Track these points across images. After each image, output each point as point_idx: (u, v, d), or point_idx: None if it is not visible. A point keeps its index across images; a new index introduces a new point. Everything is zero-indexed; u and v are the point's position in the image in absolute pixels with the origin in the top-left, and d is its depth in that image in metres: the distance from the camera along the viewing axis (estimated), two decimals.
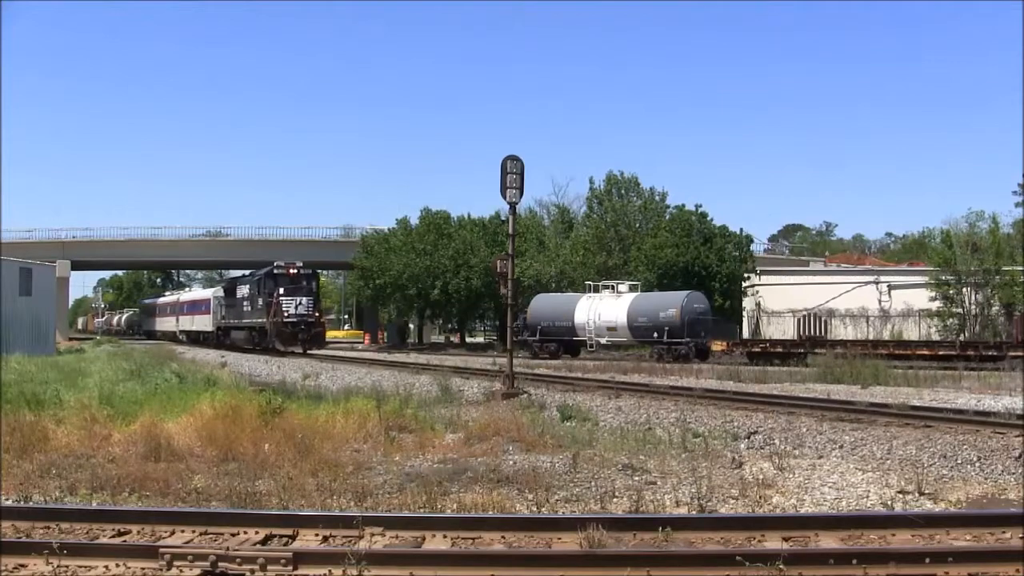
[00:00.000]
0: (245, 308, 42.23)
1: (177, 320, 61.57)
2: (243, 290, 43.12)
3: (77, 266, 73.46)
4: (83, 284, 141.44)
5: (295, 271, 39.30)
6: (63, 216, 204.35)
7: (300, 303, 37.88)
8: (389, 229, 59.87)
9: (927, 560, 5.33)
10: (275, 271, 38.95)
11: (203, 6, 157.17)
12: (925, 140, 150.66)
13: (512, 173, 18.66)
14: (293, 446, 9.85)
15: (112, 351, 37.43)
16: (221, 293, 48.71)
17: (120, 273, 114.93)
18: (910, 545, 5.75)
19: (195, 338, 55.20)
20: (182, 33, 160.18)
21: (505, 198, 18.90)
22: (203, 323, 53.05)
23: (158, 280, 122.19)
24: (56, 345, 40.82)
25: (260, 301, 39.12)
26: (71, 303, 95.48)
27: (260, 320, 39.07)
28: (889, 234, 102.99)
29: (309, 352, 36.54)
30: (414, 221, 57.99)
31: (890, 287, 43.67)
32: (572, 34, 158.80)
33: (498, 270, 19.66)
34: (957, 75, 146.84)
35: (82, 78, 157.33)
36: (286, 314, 37.08)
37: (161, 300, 73.99)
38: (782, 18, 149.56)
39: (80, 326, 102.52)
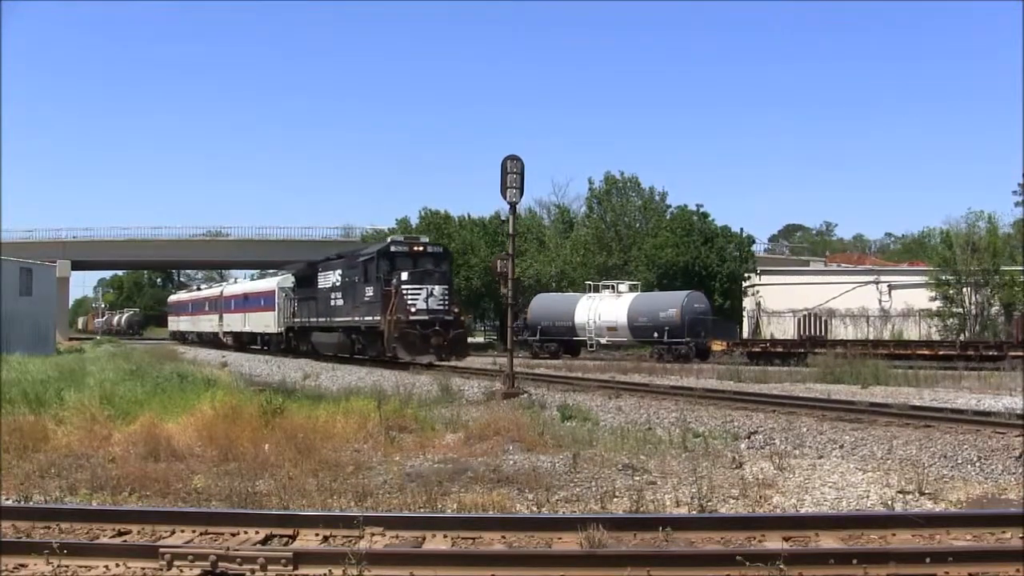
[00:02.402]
0: (335, 302, 30.71)
1: (220, 319, 48.93)
2: (330, 277, 31.55)
3: (77, 266, 73.57)
4: (83, 284, 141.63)
5: (421, 248, 27.93)
6: (63, 216, 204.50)
7: (432, 293, 25.99)
8: (389, 229, 59.88)
9: (927, 560, 5.33)
10: (392, 248, 27.79)
11: (203, 6, 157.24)
12: (925, 140, 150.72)
13: (512, 173, 18.67)
14: (293, 446, 9.85)
15: (112, 351, 37.41)
16: (291, 282, 37.12)
17: (120, 273, 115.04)
18: (910, 545, 5.76)
19: (247, 341, 44.60)
20: (182, 33, 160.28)
21: (505, 198, 18.91)
22: (262, 322, 41.09)
23: (158, 280, 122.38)
24: (56, 345, 40.80)
25: (368, 291, 27.71)
26: (71, 303, 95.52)
27: (369, 318, 27.44)
28: (889, 234, 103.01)
29: (445, 363, 25.12)
30: (414, 221, 58.00)
31: (890, 287, 43.65)
32: (572, 34, 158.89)
33: (498, 270, 19.66)
34: (957, 75, 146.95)
35: (82, 78, 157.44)
36: (412, 309, 25.39)
37: (196, 295, 61.24)
38: (782, 18, 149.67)
39: (80, 326, 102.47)
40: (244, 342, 45.07)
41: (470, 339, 34.01)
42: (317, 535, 6.08)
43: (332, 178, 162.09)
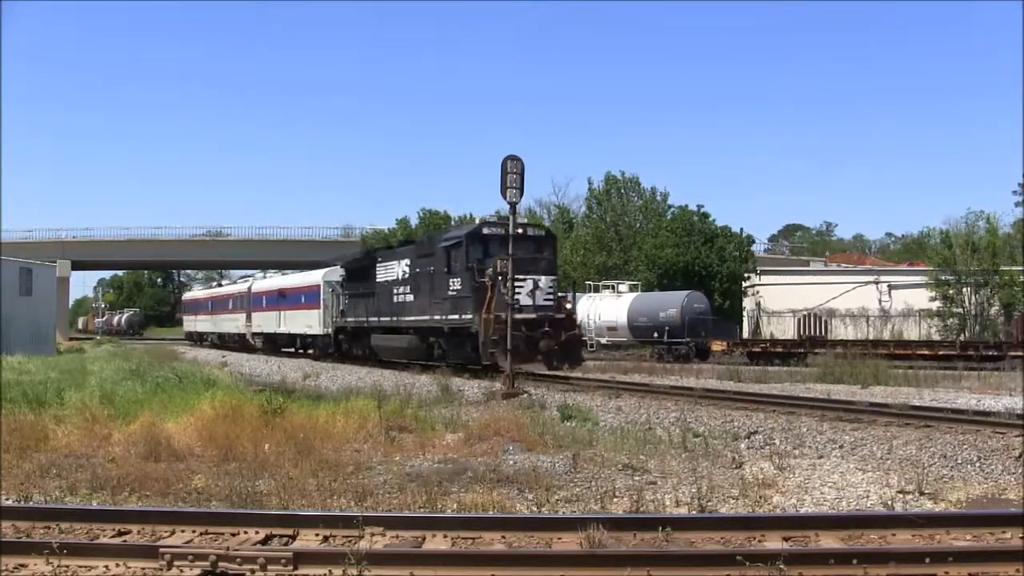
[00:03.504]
0: (402, 297, 25.57)
1: (248, 319, 43.51)
2: (394, 268, 26.40)
3: (77, 266, 73.65)
4: (83, 284, 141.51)
5: (520, 230, 21.20)
6: (63, 216, 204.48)
7: (538, 286, 21.16)
8: (389, 229, 59.96)
9: (927, 560, 5.33)
10: (485, 230, 22.37)
11: (203, 6, 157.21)
12: (925, 140, 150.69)
13: (512, 173, 18.69)
14: (293, 446, 9.86)
15: (112, 351, 37.41)
16: (339, 275, 31.71)
17: (120, 273, 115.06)
18: (910, 545, 5.75)
19: (284, 343, 39.07)
20: (182, 33, 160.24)
21: (505, 198, 18.93)
22: (302, 322, 35.70)
23: (158, 280, 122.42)
24: (56, 345, 40.80)
25: (454, 284, 22.40)
26: (71, 303, 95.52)
27: (455, 317, 22.21)
28: (889, 234, 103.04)
29: (558, 372, 21.09)
30: (414, 221, 58.02)
31: (890, 287, 43.65)
32: (572, 34, 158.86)
33: (498, 270, 19.65)
34: (957, 75, 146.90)
35: (82, 78, 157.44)
36: (516, 306, 19.98)
37: (217, 292, 54.45)
38: (782, 18, 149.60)
39: (80, 326, 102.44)
40: (279, 345, 39.51)
41: None
42: (317, 535, 6.08)
43: (332, 178, 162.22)
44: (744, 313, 45.58)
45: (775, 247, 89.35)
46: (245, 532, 6.06)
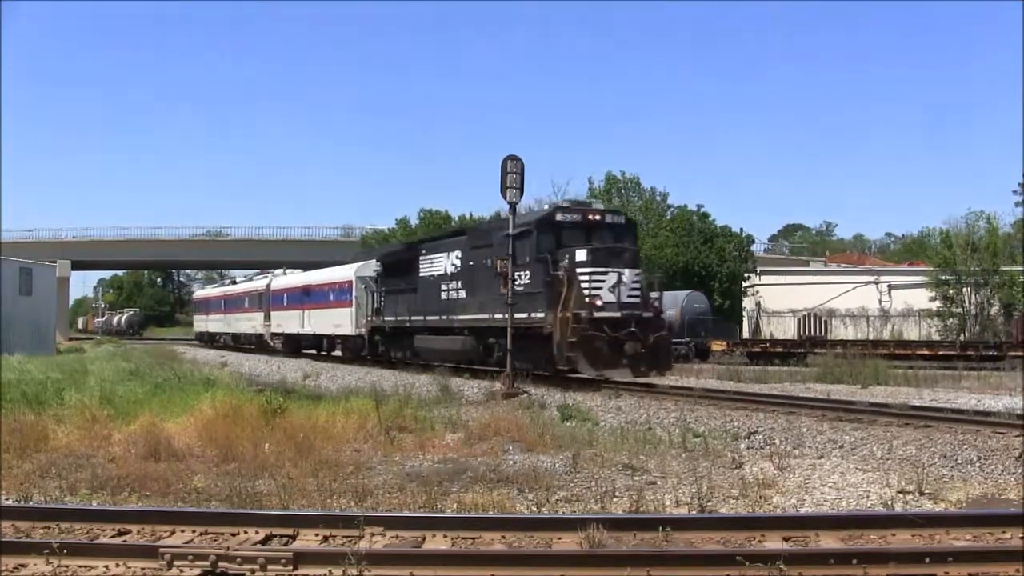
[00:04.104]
0: (451, 294, 22.91)
1: (267, 318, 40.52)
2: (441, 261, 23.72)
3: (77, 266, 73.69)
4: (83, 284, 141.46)
5: (598, 216, 20.03)
6: (63, 216, 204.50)
7: (622, 280, 18.37)
8: (389, 229, 59.90)
9: (927, 560, 5.33)
10: (559, 216, 19.86)
11: (203, 6, 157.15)
12: (925, 140, 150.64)
13: (512, 173, 18.70)
14: (293, 446, 9.86)
15: (112, 351, 37.41)
16: (374, 269, 28.70)
17: (120, 273, 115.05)
18: (910, 545, 5.75)
19: (310, 344, 36.05)
20: (182, 34, 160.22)
21: (505, 198, 18.93)
22: (331, 322, 32.53)
23: (158, 280, 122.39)
24: (56, 345, 40.79)
25: (522, 278, 19.41)
26: (71, 303, 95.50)
27: (522, 316, 18.99)
28: (889, 234, 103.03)
29: (643, 380, 18.25)
30: (414, 221, 57.99)
31: (890, 287, 43.65)
32: (572, 34, 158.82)
33: (498, 270, 19.65)
34: (957, 75, 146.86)
35: (82, 78, 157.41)
36: (599, 303, 17.98)
37: (230, 289, 50.60)
38: (782, 18, 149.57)
39: (80, 326, 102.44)
40: (302, 346, 36.75)
41: None
42: (317, 535, 6.08)
43: (332, 178, 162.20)
44: (744, 313, 45.58)
45: (775, 247, 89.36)
46: (245, 532, 6.06)
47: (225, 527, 6.11)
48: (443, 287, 23.39)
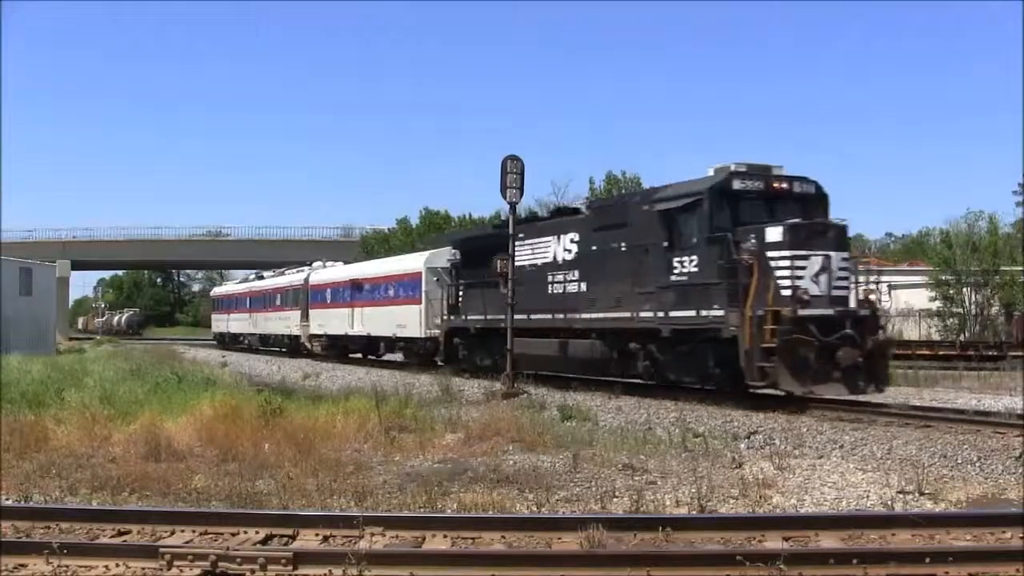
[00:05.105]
0: (566, 286, 18.69)
1: (305, 316, 35.91)
2: (550, 245, 19.44)
3: (77, 266, 73.77)
4: (83, 284, 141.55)
5: (785, 184, 15.42)
6: (63, 216, 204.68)
7: (827, 267, 14.13)
8: (389, 229, 59.96)
9: (927, 560, 5.33)
10: (736, 184, 15.16)
11: (203, 6, 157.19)
12: (925, 140, 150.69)
13: (512, 173, 18.70)
14: (293, 446, 9.87)
15: (112, 351, 37.41)
16: (448, 259, 24.34)
17: (120, 273, 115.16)
18: (910, 545, 5.76)
19: (362, 347, 31.31)
20: (182, 32, 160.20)
21: (505, 198, 18.94)
22: (393, 321, 27.72)
23: (158, 280, 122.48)
24: (56, 345, 40.81)
25: (681, 265, 15.41)
26: (71, 303, 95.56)
27: (682, 314, 15.32)
28: (889, 234, 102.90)
29: (851, 396, 14.14)
30: (414, 221, 58.05)
31: (890, 287, 43.62)
32: (572, 34, 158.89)
33: (498, 270, 19.65)
34: (957, 74, 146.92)
35: (82, 77, 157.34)
36: (806, 296, 13.83)
37: (257, 285, 45.36)
38: (782, 18, 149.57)
39: (80, 326, 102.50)
40: (348, 349, 32.36)
41: None
42: (317, 535, 6.09)
43: (332, 178, 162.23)
44: None
45: None
46: (245, 532, 6.06)
47: (225, 527, 6.12)
48: (551, 278, 19.12)
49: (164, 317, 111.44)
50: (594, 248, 17.84)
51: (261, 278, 46.18)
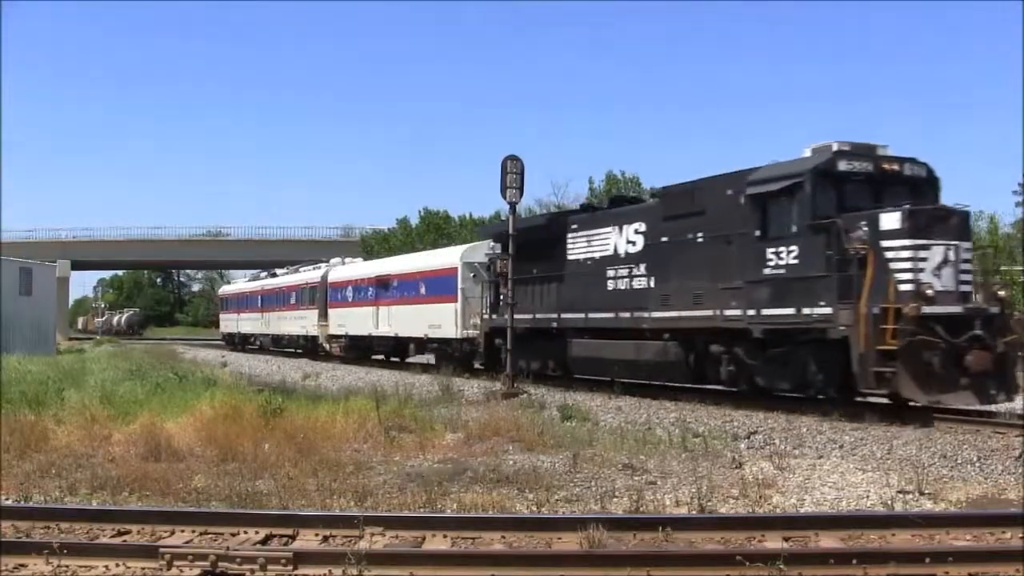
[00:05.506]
0: (630, 281, 17.02)
1: (323, 316, 34.11)
2: (609, 236, 17.76)
3: (77, 266, 73.79)
4: (83, 284, 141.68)
5: (895, 166, 13.84)
6: (63, 216, 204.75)
7: (949, 259, 12.47)
8: (389, 229, 60.00)
9: (927, 560, 5.33)
10: (841, 165, 13.45)
11: (204, 5, 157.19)
12: (925, 139, 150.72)
13: (512, 173, 18.71)
14: (293, 446, 9.87)
15: (112, 351, 37.42)
16: (486, 253, 22.89)
17: (120, 273, 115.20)
18: (910, 545, 5.76)
19: (387, 349, 29.99)
20: (182, 32, 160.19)
21: (505, 198, 18.95)
22: (424, 321, 25.87)
23: (158, 280, 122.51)
24: (56, 345, 40.82)
25: (778, 256, 13.69)
26: (71, 303, 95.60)
27: (776, 312, 13.64)
28: None
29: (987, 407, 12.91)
30: (414, 221, 58.08)
31: None
32: (572, 33, 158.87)
33: (498, 270, 19.66)
34: (957, 74, 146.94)
35: (82, 77, 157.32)
36: (930, 292, 12.15)
37: (269, 283, 43.19)
38: (782, 15, 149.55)
39: (80, 326, 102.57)
40: (372, 350, 30.88)
41: None
42: (317, 535, 6.09)
43: (332, 178, 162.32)
44: None
45: None
46: (245, 532, 6.06)
47: (225, 527, 6.12)
48: (612, 273, 17.44)
49: (164, 317, 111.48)
50: (664, 239, 16.17)
51: (274, 275, 43.92)
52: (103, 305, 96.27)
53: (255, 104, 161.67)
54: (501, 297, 20.83)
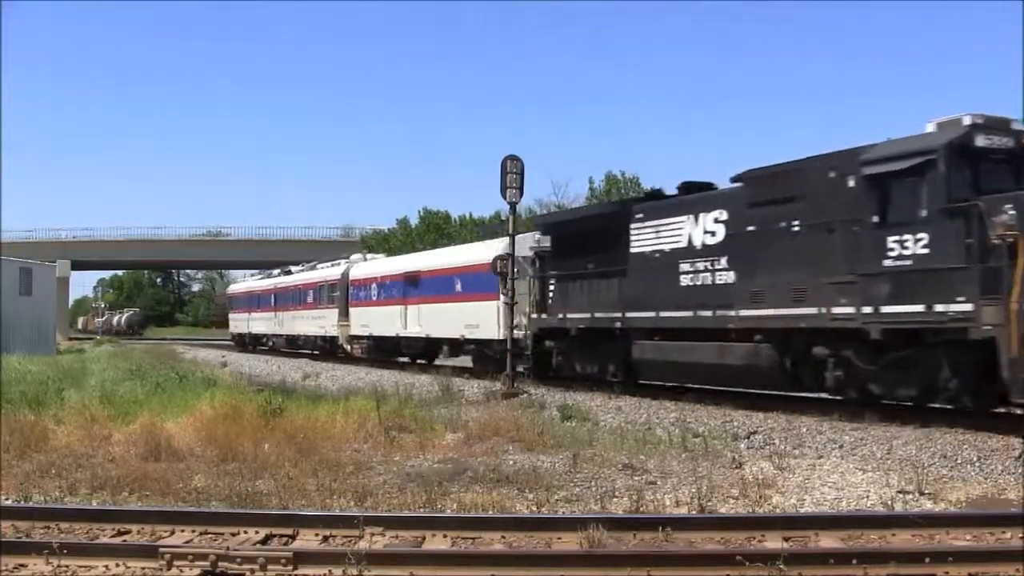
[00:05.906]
0: (709, 276, 14.96)
1: (343, 315, 32.28)
2: (682, 226, 15.70)
3: (77, 266, 73.82)
4: (83, 284, 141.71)
5: (1003, 142, 11.68)
6: (63, 216, 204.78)
7: None
8: (389, 229, 60.04)
9: (927, 560, 5.33)
10: (979, 140, 11.55)
11: (204, 5, 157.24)
12: None
13: (512, 173, 18.70)
14: (293, 446, 9.87)
15: (112, 351, 37.41)
16: (531, 247, 20.60)
17: (120, 273, 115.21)
18: (910, 545, 5.76)
19: (416, 351, 28.05)
20: (181, 32, 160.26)
21: (505, 198, 18.94)
22: (462, 320, 23.92)
23: (158, 280, 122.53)
24: (56, 345, 40.82)
25: (901, 246, 11.76)
26: (71, 303, 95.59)
27: (898, 310, 11.79)
28: None
29: None
30: (414, 221, 58.12)
31: None
32: (572, 33, 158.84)
33: (498, 270, 19.65)
34: (956, 74, 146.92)
35: (82, 77, 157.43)
36: None
37: (283, 281, 40.99)
38: (782, 13, 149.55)
39: (80, 326, 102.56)
40: (399, 352, 28.96)
41: None
42: (317, 535, 6.09)
43: (332, 178, 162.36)
44: None
45: None
46: (245, 532, 6.06)
47: (225, 527, 6.12)
48: (686, 267, 15.46)
49: (164, 317, 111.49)
50: (751, 228, 14.24)
51: (289, 273, 41.67)
52: (103, 305, 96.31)
53: (255, 104, 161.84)
54: (550, 294, 19.37)
